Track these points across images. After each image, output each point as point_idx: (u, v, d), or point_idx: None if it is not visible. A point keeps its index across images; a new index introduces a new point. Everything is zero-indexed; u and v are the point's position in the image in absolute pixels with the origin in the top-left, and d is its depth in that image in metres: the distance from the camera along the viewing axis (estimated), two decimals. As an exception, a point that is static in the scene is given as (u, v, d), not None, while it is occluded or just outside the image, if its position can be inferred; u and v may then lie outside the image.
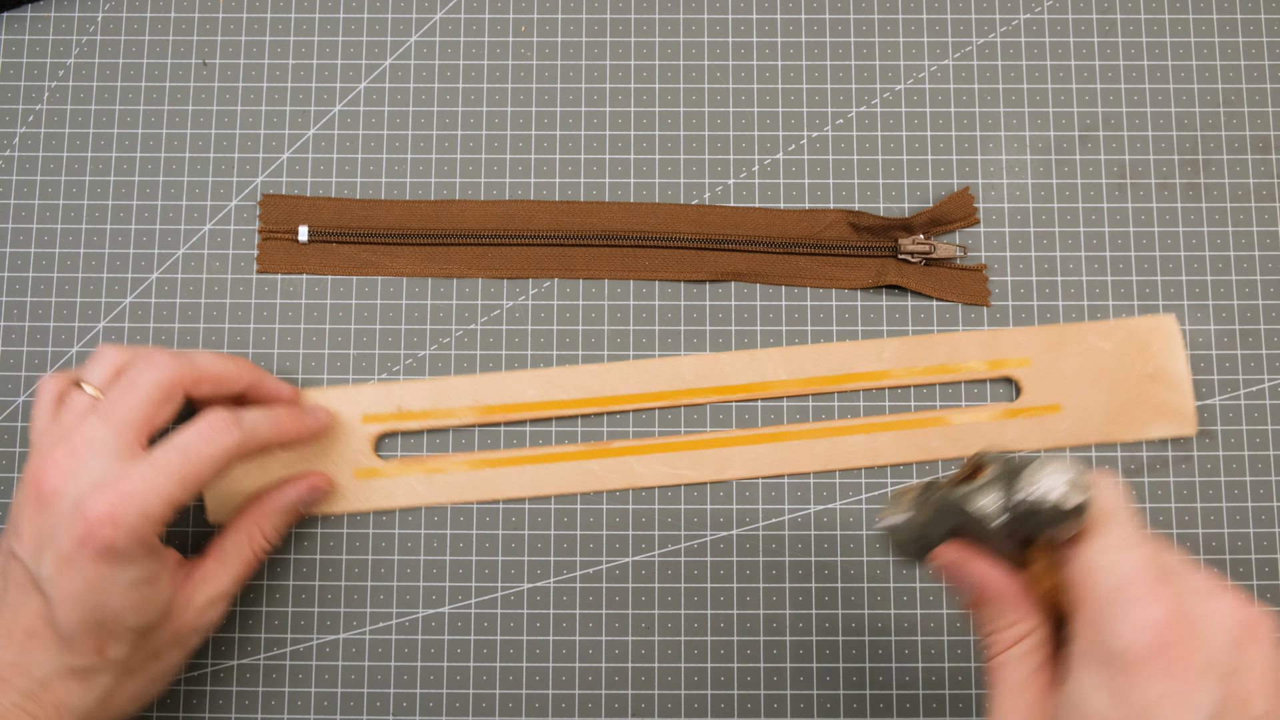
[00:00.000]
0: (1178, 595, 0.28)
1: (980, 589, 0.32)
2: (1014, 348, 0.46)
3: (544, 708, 0.45)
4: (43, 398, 0.41)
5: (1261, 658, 0.28)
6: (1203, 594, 0.29)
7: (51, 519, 0.37)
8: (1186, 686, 0.27)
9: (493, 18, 0.49)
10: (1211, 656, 0.28)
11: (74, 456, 0.37)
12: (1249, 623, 0.28)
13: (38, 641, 0.37)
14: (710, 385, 0.46)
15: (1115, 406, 0.45)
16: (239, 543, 0.42)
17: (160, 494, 0.37)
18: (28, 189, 0.48)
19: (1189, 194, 0.47)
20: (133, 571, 0.37)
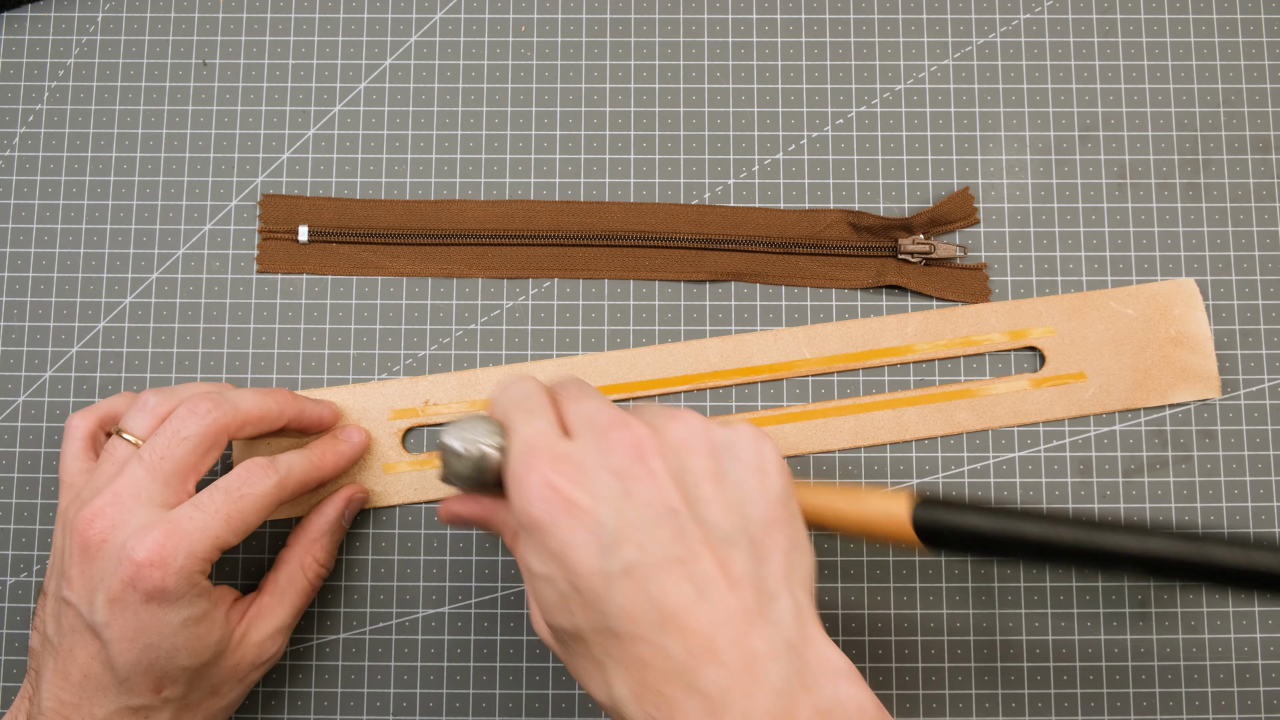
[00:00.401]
0: (555, 458, 0.33)
1: (463, 522, 0.39)
2: (1036, 317, 0.46)
3: (544, 708, 0.45)
4: (73, 438, 0.41)
5: (672, 465, 0.33)
6: (595, 438, 0.34)
7: (100, 565, 0.37)
8: (581, 518, 0.32)
9: (493, 18, 0.49)
10: (598, 489, 0.33)
11: (120, 505, 0.38)
12: (635, 442, 0.33)
13: (95, 684, 0.37)
14: (735, 366, 0.46)
15: (1139, 372, 0.45)
16: (293, 575, 0.42)
17: (206, 533, 0.37)
18: (28, 189, 0.48)
19: (1189, 194, 0.47)
20: (183, 611, 0.37)
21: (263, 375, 0.46)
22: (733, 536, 0.33)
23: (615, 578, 0.32)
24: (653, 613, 0.31)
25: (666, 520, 0.32)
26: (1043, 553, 0.37)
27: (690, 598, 0.32)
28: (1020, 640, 0.45)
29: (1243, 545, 0.36)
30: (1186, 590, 0.45)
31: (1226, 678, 0.44)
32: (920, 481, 0.46)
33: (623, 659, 0.32)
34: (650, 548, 0.32)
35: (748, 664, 0.31)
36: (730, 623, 0.31)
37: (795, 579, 0.33)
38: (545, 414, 0.36)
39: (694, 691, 0.31)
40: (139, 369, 0.46)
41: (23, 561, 0.46)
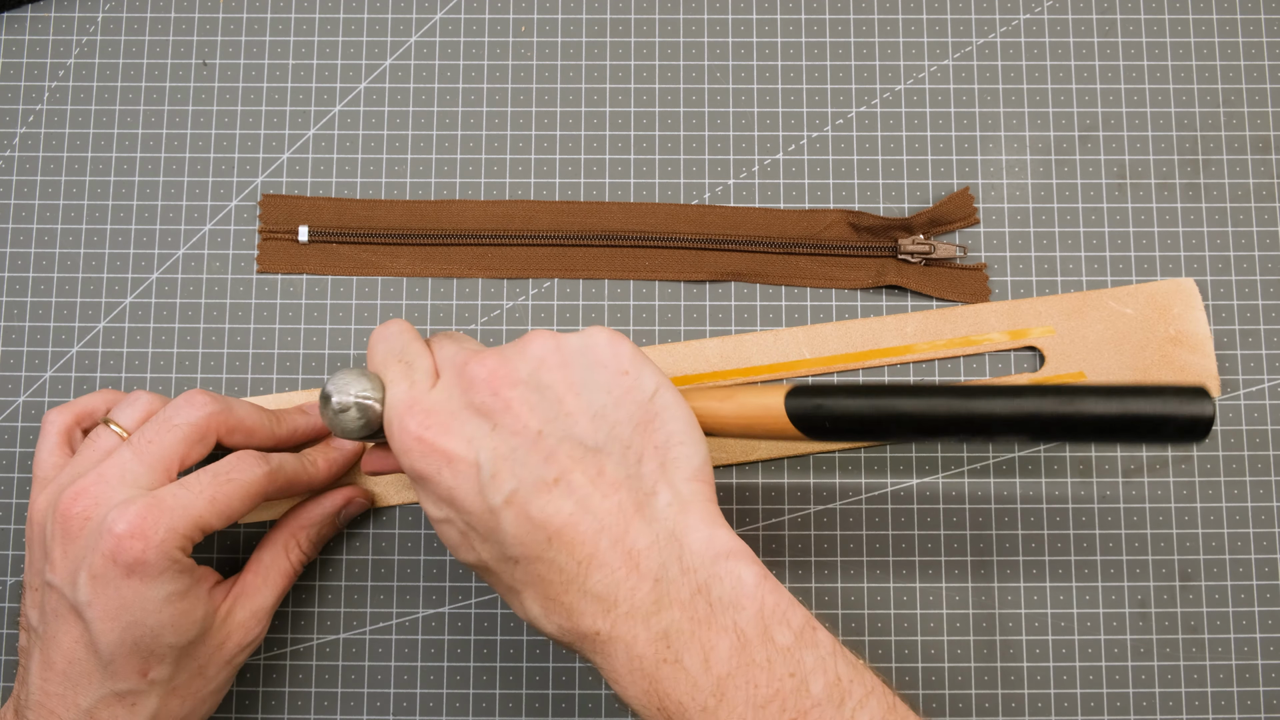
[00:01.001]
0: (424, 411, 0.35)
1: (382, 473, 0.42)
2: (1035, 317, 0.46)
3: (544, 708, 0.45)
4: (49, 433, 0.41)
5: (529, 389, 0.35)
6: (455, 379, 0.36)
7: (82, 543, 0.37)
8: (458, 464, 0.34)
9: (493, 18, 0.49)
10: (466, 431, 0.35)
11: (103, 484, 0.38)
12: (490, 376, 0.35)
13: (79, 669, 0.37)
14: (735, 367, 0.46)
15: (1139, 372, 0.45)
16: (277, 556, 0.42)
17: (189, 511, 0.37)
18: (28, 189, 0.48)
19: (1189, 194, 0.47)
20: (165, 587, 0.37)
21: (263, 375, 0.46)
22: (602, 444, 0.34)
23: (500, 509, 0.34)
24: (538, 533, 0.34)
25: (533, 445, 0.34)
26: (920, 427, 0.36)
27: (569, 512, 0.34)
28: (1020, 640, 0.45)
29: (1115, 394, 0.35)
30: (1186, 590, 0.45)
31: (1226, 678, 0.44)
32: (920, 481, 0.46)
33: (526, 580, 0.34)
34: (524, 474, 0.34)
35: (629, 560, 0.33)
36: (609, 527, 0.33)
37: (675, 472, 0.35)
38: (419, 362, 0.37)
39: (586, 594, 0.33)
40: (139, 369, 0.46)
41: (23, 561, 0.46)
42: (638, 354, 0.36)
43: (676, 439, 0.35)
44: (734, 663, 0.32)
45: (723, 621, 0.33)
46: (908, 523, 0.45)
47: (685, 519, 0.34)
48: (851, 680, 0.33)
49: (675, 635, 0.32)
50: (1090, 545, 0.45)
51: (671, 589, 0.33)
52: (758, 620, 0.33)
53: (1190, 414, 0.35)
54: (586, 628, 0.33)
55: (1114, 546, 0.45)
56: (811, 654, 0.33)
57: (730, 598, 0.33)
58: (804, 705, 0.32)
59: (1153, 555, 0.45)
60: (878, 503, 0.46)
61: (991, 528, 0.45)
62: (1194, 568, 0.45)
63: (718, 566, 0.33)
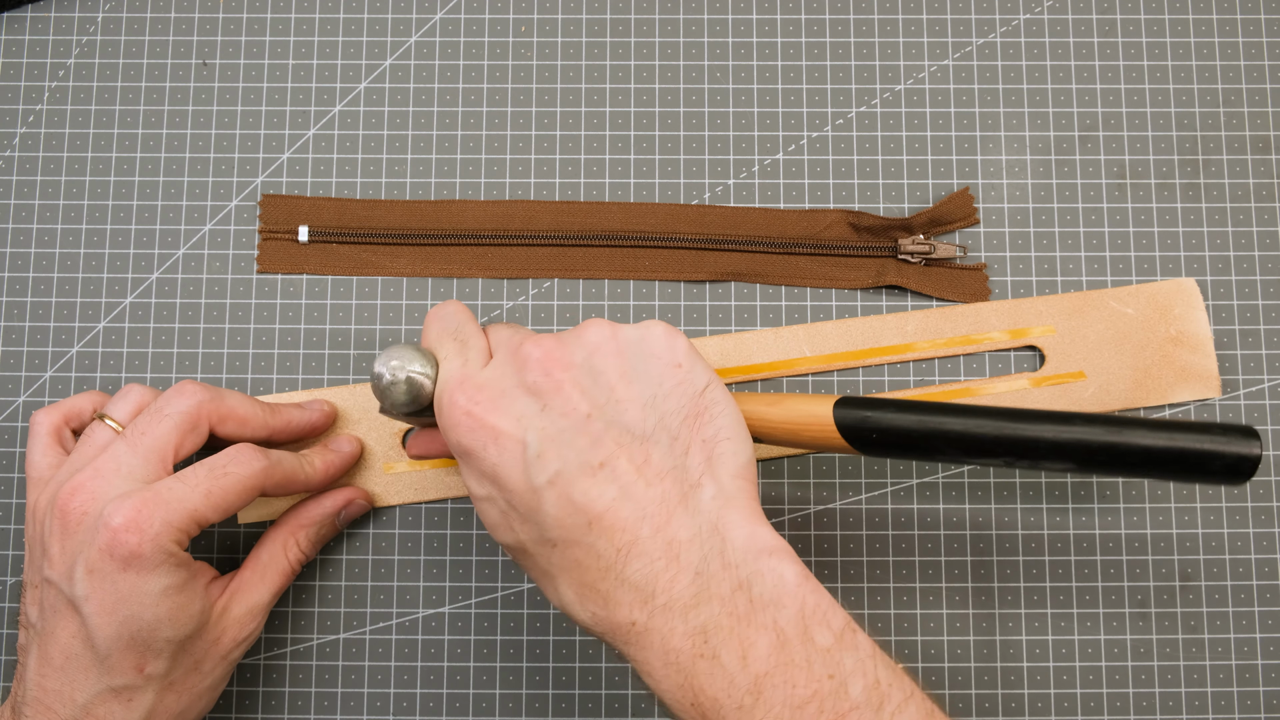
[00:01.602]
0: (475, 387, 0.36)
1: (426, 457, 0.44)
2: (1036, 316, 0.46)
3: (544, 708, 0.45)
4: (39, 434, 0.41)
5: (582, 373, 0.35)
6: (509, 358, 0.36)
7: (79, 538, 0.37)
8: (504, 441, 0.35)
9: (493, 18, 0.49)
10: (516, 409, 0.35)
11: (99, 478, 0.38)
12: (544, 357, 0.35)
13: (77, 664, 0.37)
14: (735, 365, 0.46)
15: (1139, 371, 0.45)
16: (275, 554, 0.42)
17: (184, 504, 0.37)
18: (28, 189, 0.48)
19: (1189, 194, 0.47)
20: (161, 580, 0.37)
21: (263, 375, 0.46)
22: (650, 433, 0.34)
23: (543, 490, 0.34)
24: (579, 516, 0.33)
25: (581, 427, 0.34)
26: (966, 447, 0.36)
27: (612, 498, 0.33)
28: (1020, 640, 0.45)
29: (1163, 427, 0.35)
30: (1186, 590, 0.45)
31: (1226, 678, 0.45)
32: (919, 481, 0.46)
33: (562, 564, 0.34)
34: (569, 456, 0.34)
35: (669, 551, 0.33)
36: (652, 516, 0.33)
37: (721, 467, 0.34)
38: (473, 342, 0.38)
39: (624, 583, 0.33)
40: (139, 369, 0.46)
41: (23, 561, 0.46)
42: (692, 350, 0.36)
43: (724, 434, 0.35)
44: (772, 661, 0.32)
45: (762, 619, 0.32)
46: (908, 523, 0.45)
47: (729, 514, 0.34)
48: (890, 684, 0.33)
49: (714, 630, 0.32)
50: (1090, 545, 0.45)
51: (712, 583, 0.33)
52: (798, 620, 0.32)
53: (1237, 453, 0.35)
54: (622, 617, 0.33)
55: (1114, 546, 0.45)
56: (851, 656, 0.32)
57: (771, 595, 0.32)
58: (842, 708, 0.32)
59: (1153, 555, 0.45)
60: (878, 503, 0.46)
61: (991, 528, 0.45)
62: (1194, 568, 0.45)
63: (760, 563, 0.33)
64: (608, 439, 0.34)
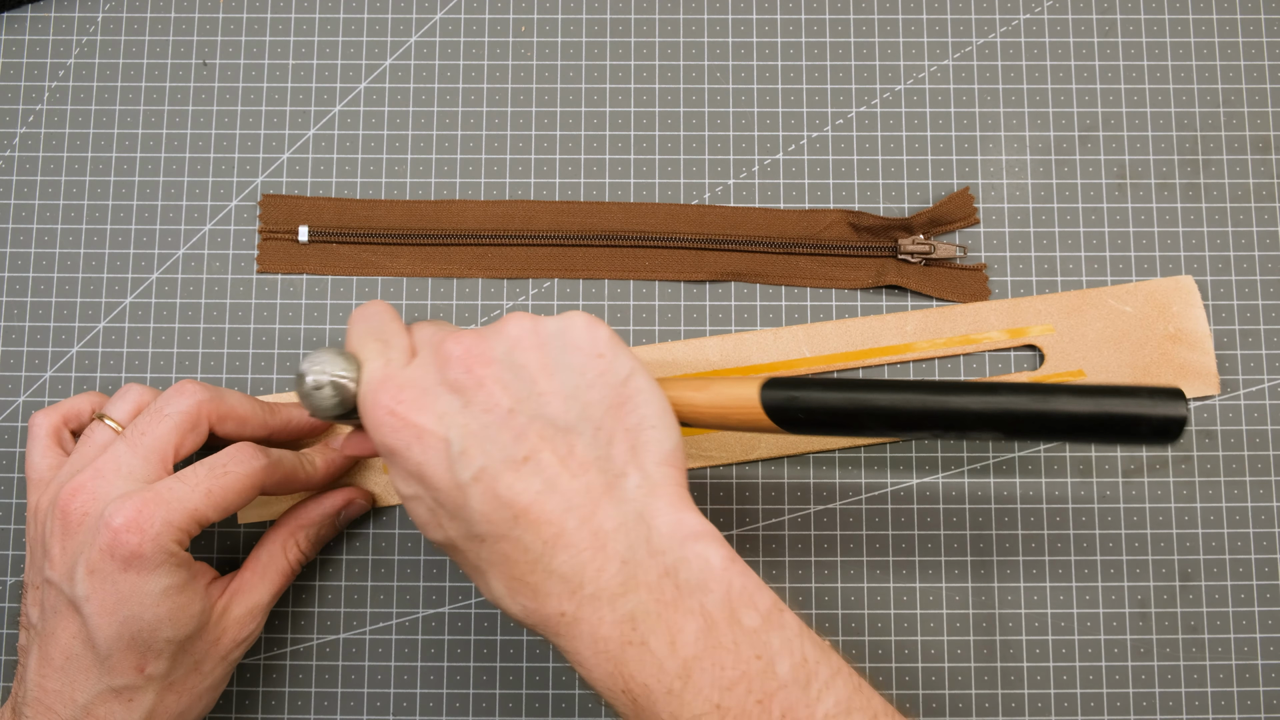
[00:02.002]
0: (398, 386, 0.35)
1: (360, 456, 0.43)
2: (1035, 315, 0.46)
3: (544, 708, 0.45)
4: (38, 435, 0.41)
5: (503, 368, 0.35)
6: (431, 356, 0.36)
7: (80, 538, 0.37)
8: (428, 439, 0.34)
9: (493, 18, 0.49)
10: (439, 407, 0.35)
11: (100, 479, 0.38)
12: (465, 354, 0.35)
13: (77, 664, 0.37)
14: (735, 365, 0.46)
15: (1138, 369, 0.45)
16: (275, 554, 0.42)
17: (185, 504, 0.37)
18: (28, 189, 0.48)
19: (1189, 194, 0.47)
20: (162, 580, 0.37)
21: (263, 375, 0.46)
22: (574, 424, 0.34)
23: (468, 486, 0.34)
24: (505, 511, 0.34)
25: (504, 423, 0.34)
26: (894, 421, 0.36)
27: (537, 491, 0.34)
28: (1020, 640, 0.45)
29: (1089, 393, 0.35)
30: (1186, 590, 0.45)
31: (1226, 678, 0.45)
32: (920, 481, 0.46)
33: (491, 559, 0.34)
34: (493, 452, 0.34)
35: (596, 541, 0.33)
36: (577, 507, 0.33)
37: (646, 455, 0.35)
38: (396, 341, 0.38)
39: (552, 575, 0.33)
40: (139, 369, 0.46)
41: (23, 561, 0.46)
42: (614, 339, 0.36)
43: (649, 423, 0.35)
44: (701, 645, 0.32)
45: (689, 604, 0.33)
46: (908, 523, 0.45)
47: (654, 502, 0.34)
48: (818, 661, 0.33)
49: (642, 617, 0.32)
50: (1090, 545, 0.45)
51: (639, 571, 0.33)
52: (725, 603, 0.33)
53: (1163, 415, 0.35)
54: (551, 609, 0.33)
55: (1114, 546, 0.45)
56: (778, 636, 0.33)
57: (698, 580, 0.33)
58: (770, 687, 0.32)
59: (1153, 555, 0.45)
60: (878, 503, 0.46)
61: (991, 528, 0.45)
62: (1194, 568, 0.45)
63: (686, 549, 0.33)
64: (531, 433, 0.34)
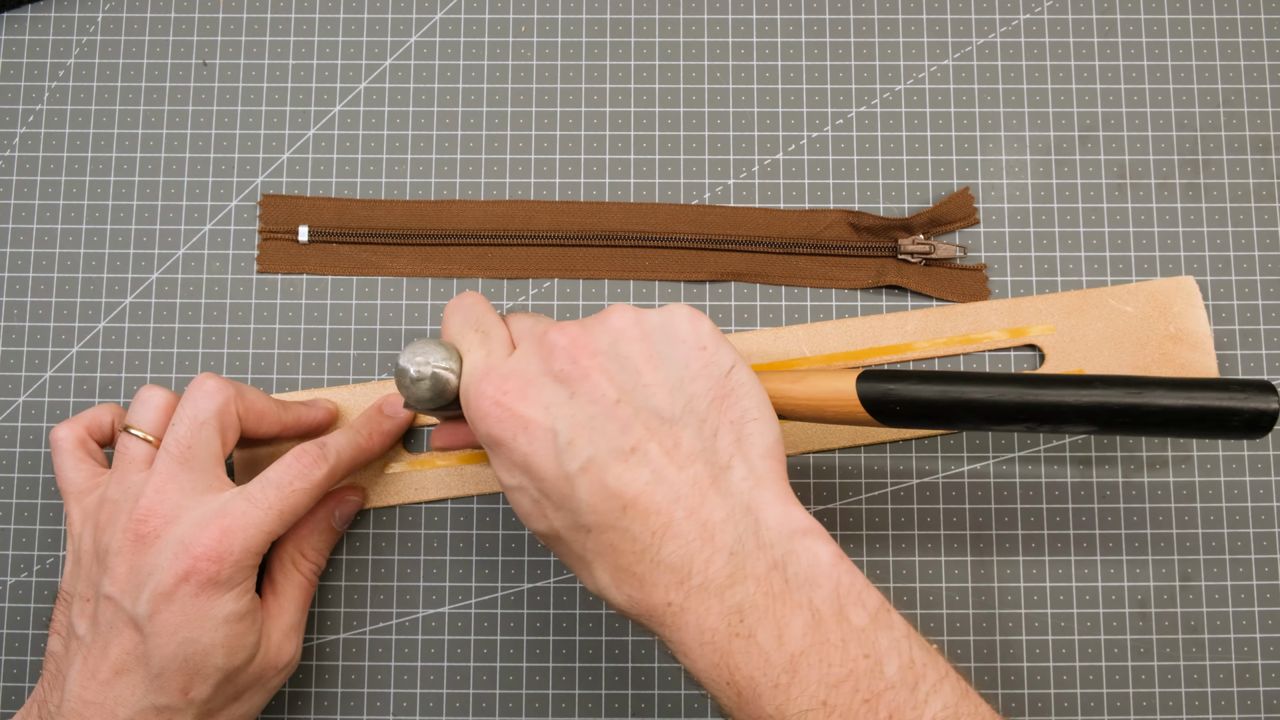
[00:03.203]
0: (502, 377, 0.36)
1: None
2: (1035, 315, 0.46)
3: (544, 708, 0.45)
4: (64, 449, 0.42)
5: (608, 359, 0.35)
6: (534, 347, 0.36)
7: (152, 560, 0.38)
8: (534, 430, 0.35)
9: (493, 18, 0.49)
10: (544, 397, 0.35)
11: (165, 500, 0.39)
12: (570, 344, 0.35)
13: (126, 679, 0.38)
14: None
15: (1139, 369, 0.45)
16: (288, 573, 0.43)
17: (260, 528, 0.38)
18: (28, 189, 0.48)
19: (1189, 194, 0.47)
20: (228, 605, 0.38)
21: (263, 375, 0.46)
22: (679, 416, 0.34)
23: (575, 476, 0.34)
24: (613, 501, 0.34)
25: (610, 413, 0.34)
26: (989, 414, 0.37)
27: (645, 482, 0.34)
28: (1020, 640, 0.45)
29: (1182, 386, 0.36)
30: (1186, 590, 0.45)
31: (1226, 678, 0.45)
32: (920, 481, 0.46)
33: (597, 549, 0.34)
34: (600, 442, 0.34)
35: (704, 532, 0.33)
36: (685, 498, 0.33)
37: (750, 447, 0.34)
38: (495, 332, 0.38)
39: (660, 565, 0.33)
40: (139, 369, 0.46)
41: (23, 561, 0.46)
42: (716, 331, 0.36)
43: (751, 415, 0.35)
44: (808, 640, 0.32)
45: (798, 599, 0.32)
46: (908, 523, 0.45)
47: (761, 494, 0.34)
48: (925, 664, 0.32)
49: (749, 610, 0.32)
50: (1090, 545, 0.45)
51: (747, 563, 0.33)
52: (833, 599, 0.32)
53: (1256, 408, 0.35)
54: (658, 599, 0.33)
55: (1114, 546, 0.45)
56: (886, 636, 0.32)
57: (807, 575, 0.33)
58: (878, 687, 0.31)
59: (1153, 555, 0.45)
60: (878, 503, 0.46)
61: (991, 528, 0.45)
62: (1194, 568, 0.45)
63: (794, 543, 0.33)
64: (637, 424, 0.34)
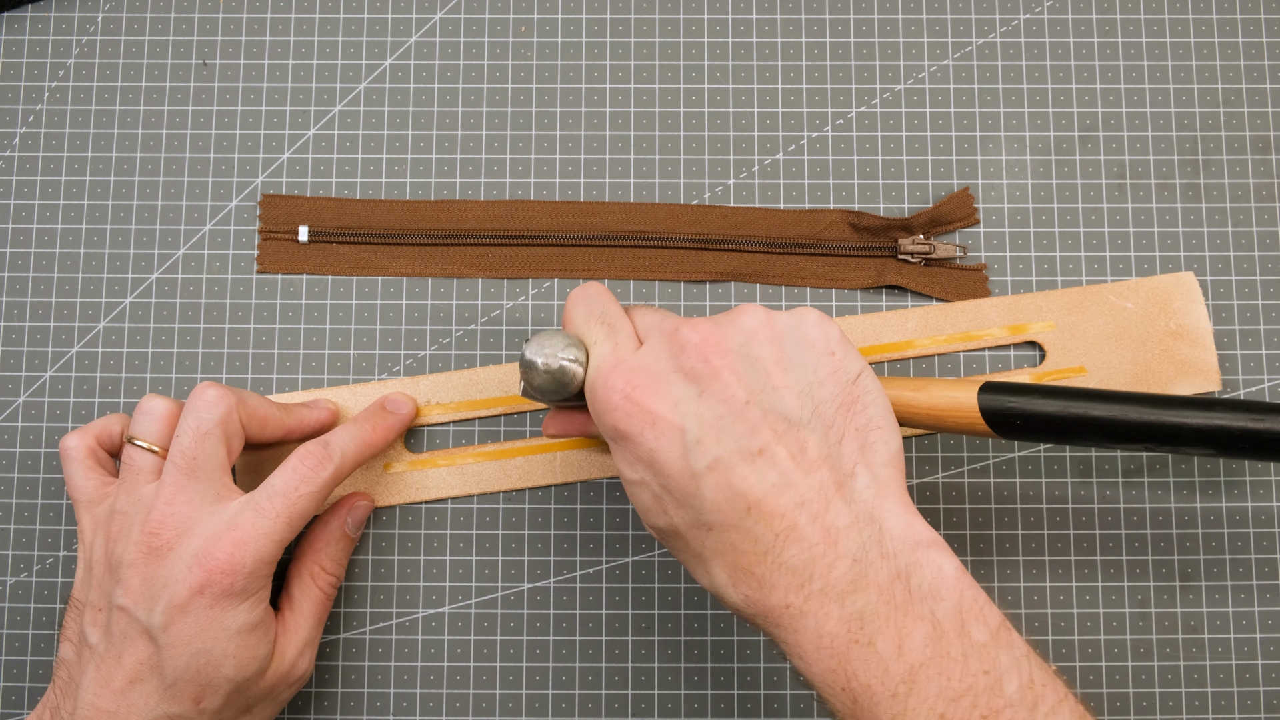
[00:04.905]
0: (631, 371, 0.35)
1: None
2: (1036, 312, 0.46)
3: (544, 708, 0.45)
4: (74, 458, 0.42)
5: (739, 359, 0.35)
6: (665, 343, 0.36)
7: (166, 571, 0.38)
8: (663, 426, 0.34)
9: (493, 18, 0.49)
10: (673, 394, 0.35)
11: (176, 513, 0.39)
12: (702, 342, 0.35)
13: (139, 688, 0.38)
14: None
15: (1139, 366, 0.45)
16: (305, 587, 0.43)
17: (271, 537, 0.39)
18: (28, 189, 0.48)
19: (1189, 194, 0.47)
20: (241, 616, 0.38)
21: (263, 375, 0.46)
22: (806, 420, 0.34)
23: (702, 475, 0.34)
24: (738, 502, 0.33)
25: (739, 414, 0.34)
26: (1110, 433, 0.37)
27: (771, 484, 0.33)
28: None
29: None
30: (1186, 590, 0.45)
31: (1226, 678, 0.45)
32: (920, 481, 0.46)
33: (717, 547, 0.34)
34: (728, 442, 0.34)
35: (828, 538, 0.33)
36: (809, 502, 0.33)
37: (874, 456, 0.34)
38: (621, 325, 0.38)
39: (781, 567, 0.33)
40: (139, 369, 0.46)
41: (23, 561, 0.46)
42: (845, 338, 0.36)
43: (876, 423, 0.35)
44: (928, 653, 0.32)
45: (920, 610, 0.32)
46: (908, 523, 0.45)
47: (884, 504, 0.34)
48: (1045, 685, 0.32)
49: (870, 617, 0.32)
50: (1090, 545, 0.45)
51: (870, 571, 0.32)
52: (955, 613, 0.32)
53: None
54: (776, 601, 0.33)
55: (1114, 546, 0.45)
56: (1007, 654, 0.32)
57: (930, 587, 0.32)
58: (996, 704, 0.31)
59: (1153, 555, 0.45)
60: (878, 503, 0.46)
61: (991, 528, 0.45)
62: (1194, 568, 0.45)
63: (918, 554, 0.33)
64: (765, 426, 0.34)
